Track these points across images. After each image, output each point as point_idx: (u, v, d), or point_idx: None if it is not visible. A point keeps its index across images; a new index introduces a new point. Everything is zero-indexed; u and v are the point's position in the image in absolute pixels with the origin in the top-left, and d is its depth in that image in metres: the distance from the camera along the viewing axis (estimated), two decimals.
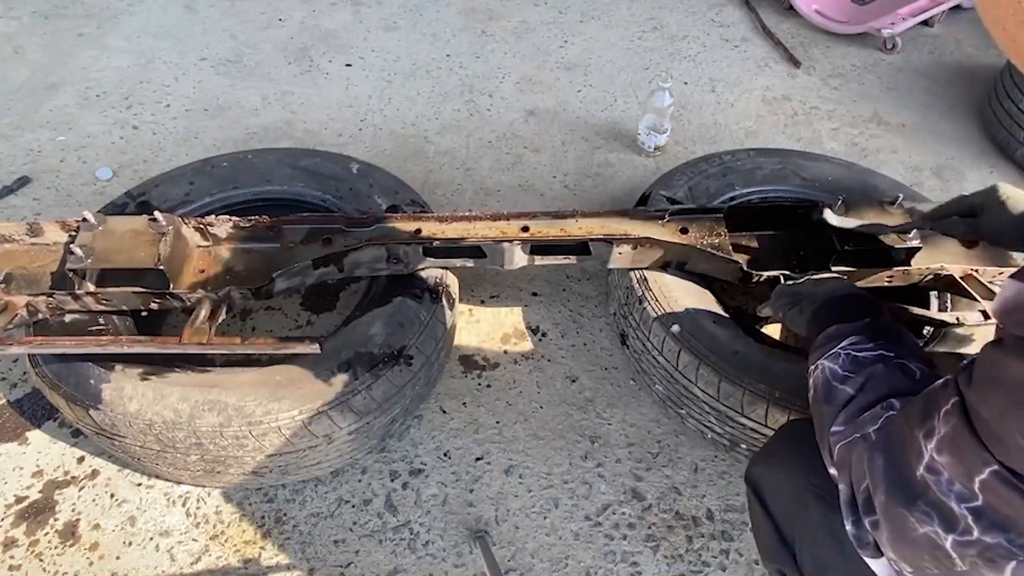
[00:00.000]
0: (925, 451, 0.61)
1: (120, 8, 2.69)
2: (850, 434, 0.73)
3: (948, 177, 2.21)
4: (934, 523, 0.59)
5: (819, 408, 0.83)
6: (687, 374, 1.30)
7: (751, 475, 0.98)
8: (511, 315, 1.69)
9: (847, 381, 0.80)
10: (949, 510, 0.58)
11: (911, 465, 0.62)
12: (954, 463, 0.58)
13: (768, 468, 0.96)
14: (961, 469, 0.57)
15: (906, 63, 2.71)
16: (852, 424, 0.74)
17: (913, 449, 0.62)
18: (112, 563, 1.26)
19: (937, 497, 0.59)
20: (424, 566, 1.28)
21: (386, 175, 1.61)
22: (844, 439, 0.74)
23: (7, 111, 2.18)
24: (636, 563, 1.30)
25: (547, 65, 2.56)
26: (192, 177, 1.55)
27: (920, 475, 0.61)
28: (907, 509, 0.61)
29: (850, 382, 0.80)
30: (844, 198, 1.37)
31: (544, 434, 1.47)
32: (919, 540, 0.61)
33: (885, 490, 0.64)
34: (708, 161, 1.69)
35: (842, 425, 0.76)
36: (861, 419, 0.74)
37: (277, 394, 1.15)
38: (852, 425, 0.74)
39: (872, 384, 0.77)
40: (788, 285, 1.15)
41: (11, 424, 1.43)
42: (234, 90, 2.35)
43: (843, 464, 0.72)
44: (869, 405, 0.75)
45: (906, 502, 0.62)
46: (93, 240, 1.23)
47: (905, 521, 0.62)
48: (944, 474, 0.59)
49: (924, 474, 0.61)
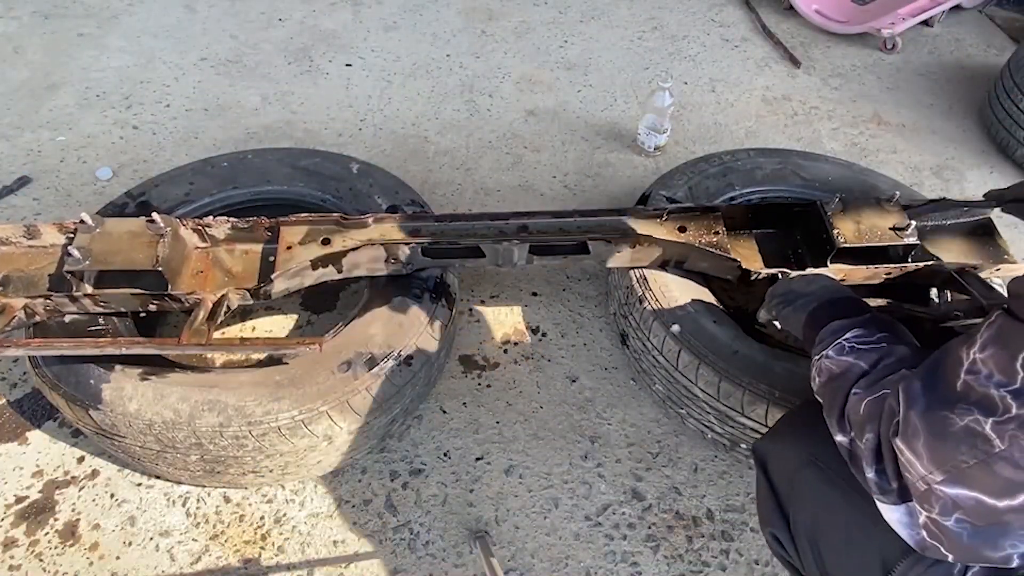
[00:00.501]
0: (966, 358, 0.65)
1: (120, 8, 2.69)
2: (877, 390, 0.76)
3: (948, 177, 2.21)
4: (974, 413, 0.62)
5: (830, 385, 0.85)
6: (687, 374, 1.30)
7: (758, 447, 1.03)
8: (511, 315, 1.69)
9: (860, 358, 0.83)
10: (989, 397, 0.62)
11: (951, 376, 0.66)
12: (996, 352, 0.62)
13: (773, 441, 1.01)
14: (1003, 354, 0.61)
15: (906, 63, 2.71)
16: (878, 384, 0.77)
17: (953, 362, 0.66)
18: (112, 563, 1.26)
19: (977, 393, 0.63)
20: (424, 566, 1.28)
21: (386, 175, 1.61)
22: (871, 395, 0.76)
23: (7, 111, 2.18)
24: (636, 563, 1.30)
25: (547, 65, 2.56)
26: (192, 177, 1.55)
27: (961, 382, 0.65)
28: (948, 410, 0.65)
29: (863, 359, 0.83)
30: (841, 196, 1.38)
31: (544, 434, 1.47)
32: (958, 434, 0.63)
33: (926, 401, 0.67)
34: (708, 161, 1.69)
35: (862, 389, 0.78)
36: (887, 379, 0.77)
37: (277, 394, 1.15)
38: (878, 384, 0.77)
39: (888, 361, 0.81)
40: (779, 286, 1.17)
41: (11, 424, 1.43)
42: (234, 90, 2.35)
43: (870, 417, 0.74)
44: (888, 375, 0.78)
45: (947, 405, 0.65)
46: (91, 242, 1.23)
47: (946, 420, 0.64)
48: (984, 370, 0.63)
49: (965, 378, 0.64)
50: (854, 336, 0.88)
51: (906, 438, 0.68)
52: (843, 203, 1.37)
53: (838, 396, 0.82)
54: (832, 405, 0.83)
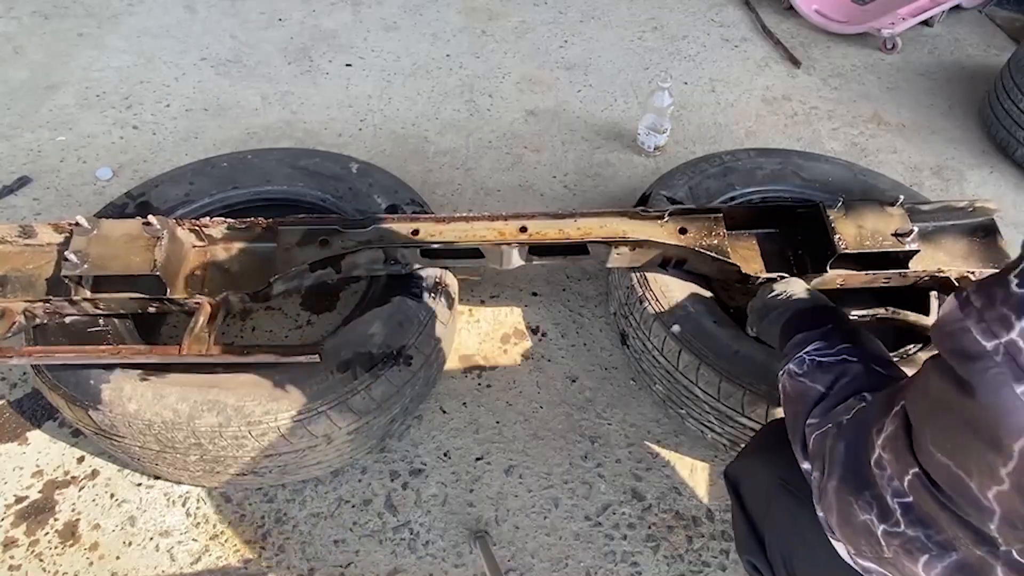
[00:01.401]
0: (875, 446, 0.65)
1: (120, 8, 2.69)
2: (824, 424, 0.77)
3: (948, 177, 2.21)
4: (872, 512, 0.65)
5: (791, 407, 0.86)
6: (687, 374, 1.30)
7: (729, 472, 1.03)
8: (511, 315, 1.69)
9: (816, 380, 0.84)
10: (886, 503, 0.63)
11: (866, 458, 0.67)
12: (893, 461, 0.63)
13: (744, 465, 1.01)
14: (897, 467, 0.62)
15: (906, 63, 2.71)
16: (827, 415, 0.78)
17: (869, 442, 0.67)
18: (112, 563, 1.26)
19: (879, 491, 0.64)
20: (424, 566, 1.28)
21: (386, 175, 1.61)
22: (818, 429, 0.77)
23: (7, 111, 2.18)
24: (636, 563, 1.30)
25: (547, 65, 2.56)
26: (192, 177, 1.55)
27: (869, 468, 0.66)
28: (854, 497, 0.67)
29: (820, 381, 0.83)
30: (844, 200, 1.37)
31: (544, 434, 1.47)
32: (858, 525, 0.66)
33: (840, 476, 0.69)
34: (708, 161, 1.69)
35: (817, 417, 0.79)
36: (835, 411, 0.77)
37: (276, 394, 1.15)
38: (826, 416, 0.78)
39: (844, 382, 0.81)
40: (755, 300, 1.18)
41: (11, 424, 1.43)
42: (234, 90, 2.35)
43: (817, 453, 0.76)
44: (843, 399, 0.78)
45: (855, 490, 0.67)
46: (87, 245, 1.22)
47: (850, 507, 0.67)
48: (887, 470, 0.63)
49: (873, 468, 0.65)
50: (815, 349, 0.88)
51: (822, 507, 0.72)
52: (846, 206, 1.36)
53: (798, 422, 0.82)
54: (794, 431, 0.84)
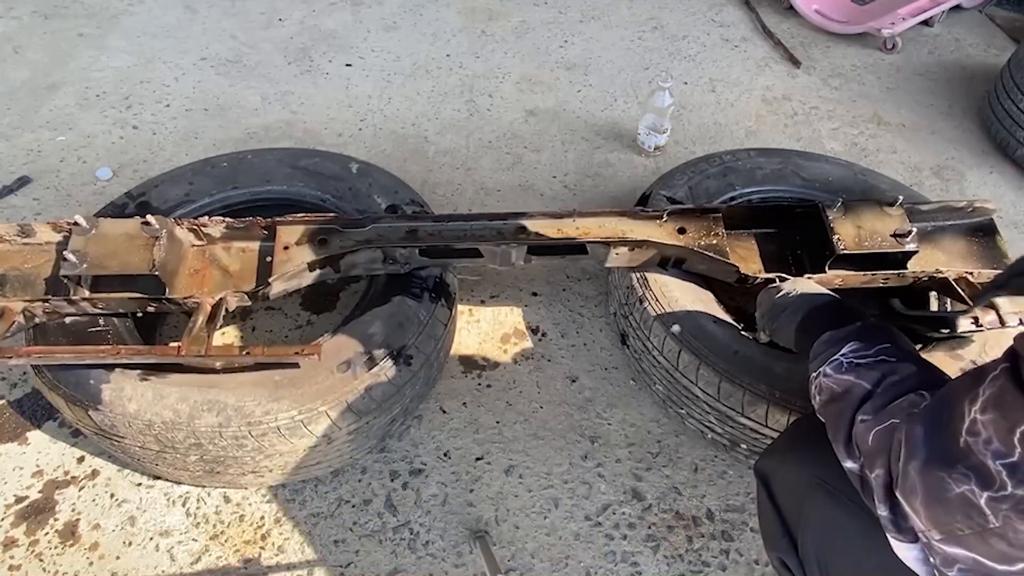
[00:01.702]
0: (968, 414, 0.62)
1: (120, 8, 2.69)
2: (885, 419, 0.73)
3: (948, 177, 2.21)
4: (971, 482, 0.60)
5: (832, 406, 0.83)
6: (687, 374, 1.30)
7: (760, 467, 0.99)
8: (511, 315, 1.69)
9: (861, 377, 0.81)
10: (986, 468, 0.59)
11: (954, 431, 0.63)
12: (996, 418, 0.59)
13: (777, 461, 0.98)
14: (1003, 424, 0.58)
15: (906, 63, 2.70)
16: (885, 411, 0.74)
17: (957, 415, 0.64)
18: (112, 563, 1.26)
19: (976, 459, 0.60)
20: (424, 566, 1.28)
21: (386, 175, 1.61)
22: (879, 424, 0.73)
23: (7, 111, 2.18)
24: (636, 563, 1.30)
25: (547, 65, 2.56)
26: (192, 177, 1.55)
27: (962, 440, 0.62)
28: (946, 472, 0.63)
29: (864, 378, 0.80)
30: (844, 199, 1.38)
31: (544, 434, 1.47)
32: (953, 500, 0.62)
33: (925, 456, 0.65)
34: (708, 161, 1.69)
35: (870, 415, 0.76)
36: (895, 406, 0.74)
37: (276, 394, 1.15)
38: (885, 412, 0.74)
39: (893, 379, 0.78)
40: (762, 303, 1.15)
41: (11, 424, 1.43)
42: (234, 90, 2.35)
43: (879, 450, 0.72)
44: (896, 397, 0.75)
45: (946, 465, 0.63)
46: (86, 245, 1.22)
47: (942, 483, 0.63)
48: (983, 433, 0.60)
49: (966, 438, 0.62)
50: (851, 351, 0.85)
51: (904, 492, 0.68)
52: (845, 206, 1.36)
53: (843, 420, 0.79)
54: (837, 428, 0.80)
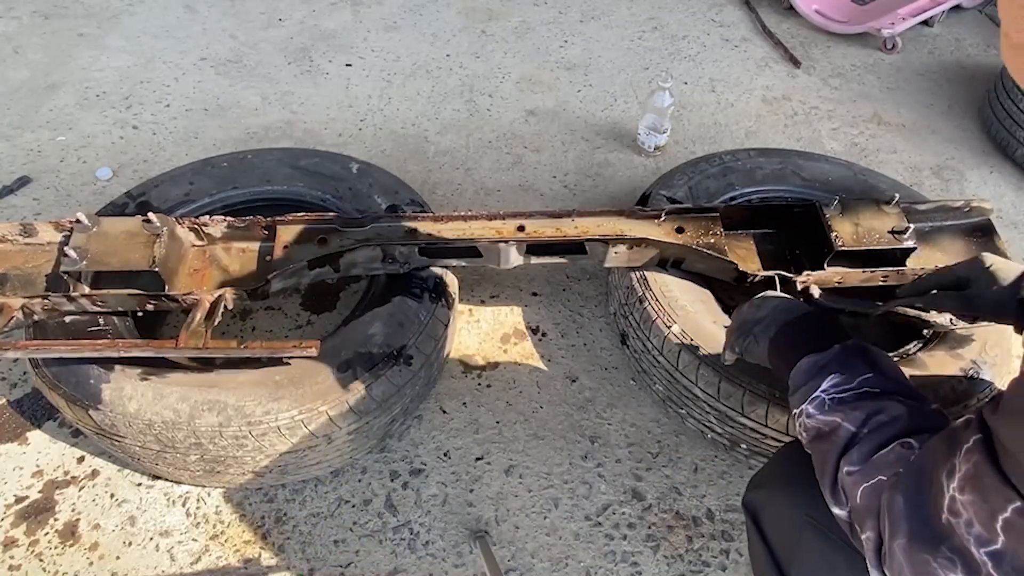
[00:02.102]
0: (947, 489, 0.59)
1: (120, 8, 2.69)
2: (871, 475, 0.69)
3: (948, 177, 2.21)
4: (956, 569, 0.57)
5: (818, 446, 0.79)
6: (687, 374, 1.30)
7: (748, 500, 0.96)
8: (511, 315, 1.69)
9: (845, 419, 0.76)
10: (970, 555, 0.56)
11: (935, 507, 0.60)
12: (976, 501, 0.56)
13: (766, 495, 0.94)
14: (984, 507, 0.56)
15: (906, 63, 2.71)
16: (870, 464, 0.71)
17: (936, 489, 0.61)
18: (112, 563, 1.26)
19: (959, 541, 0.57)
20: (424, 566, 1.28)
21: (386, 175, 1.61)
22: (866, 481, 0.70)
23: (7, 111, 2.18)
24: (636, 563, 1.30)
25: (547, 65, 2.56)
26: (192, 177, 1.55)
27: (944, 518, 0.59)
28: (930, 554, 0.60)
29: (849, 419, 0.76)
30: (840, 198, 1.38)
31: (544, 434, 1.47)
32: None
33: (908, 533, 0.62)
34: (708, 161, 1.69)
35: (858, 465, 0.72)
36: (880, 459, 0.70)
37: (277, 394, 1.15)
38: (870, 465, 0.70)
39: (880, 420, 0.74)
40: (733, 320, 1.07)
41: (11, 424, 1.43)
42: (234, 90, 2.35)
43: (869, 510, 0.69)
44: (882, 444, 0.71)
45: (930, 547, 0.60)
46: (87, 242, 1.23)
47: (928, 566, 0.60)
48: (964, 515, 0.57)
49: (947, 516, 0.59)
50: (832, 385, 0.80)
51: (892, 571, 0.65)
52: (842, 205, 1.37)
53: (828, 464, 0.76)
54: (823, 472, 0.77)
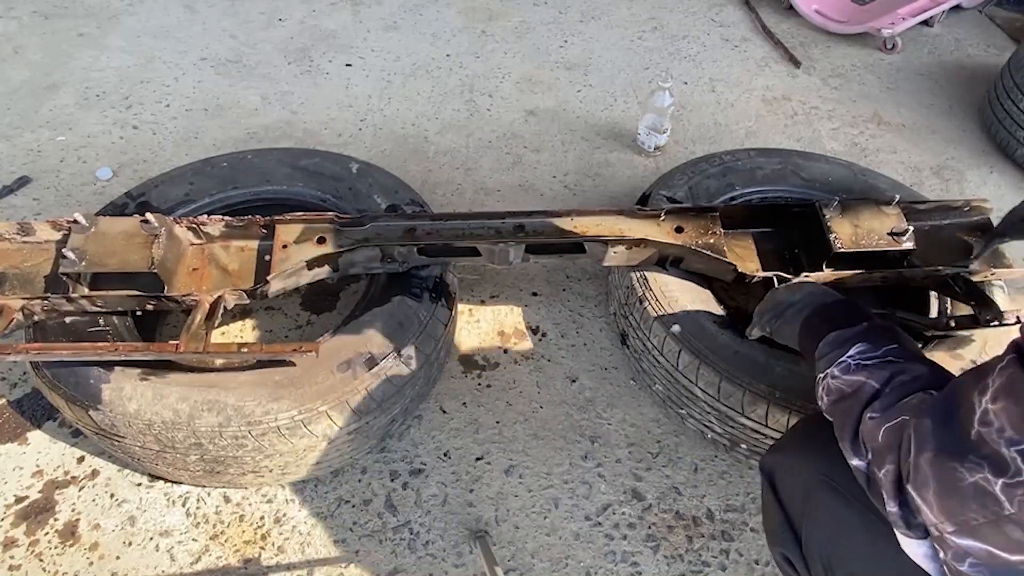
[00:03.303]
0: (979, 405, 0.62)
1: (120, 8, 2.69)
2: (895, 416, 0.73)
3: (948, 177, 2.21)
4: (984, 470, 0.60)
5: (840, 404, 0.83)
6: (687, 374, 1.30)
7: (765, 463, 0.99)
8: (511, 315, 1.69)
9: (871, 377, 0.81)
10: (1000, 456, 0.59)
11: (964, 423, 0.63)
12: (1009, 406, 0.59)
13: (782, 457, 0.97)
14: (1016, 411, 0.59)
15: (906, 63, 2.71)
16: (894, 408, 0.75)
17: (967, 407, 0.64)
18: (112, 563, 1.26)
19: (989, 448, 0.60)
20: (424, 566, 1.28)
21: (386, 175, 1.61)
22: (889, 421, 0.74)
23: (7, 111, 2.18)
24: (636, 563, 1.30)
25: (547, 65, 2.56)
26: (192, 177, 1.55)
27: (974, 431, 0.62)
28: (958, 461, 0.63)
29: (874, 378, 0.80)
30: (840, 199, 1.38)
31: (544, 434, 1.47)
32: (967, 490, 0.62)
33: (936, 447, 0.65)
34: (708, 161, 1.69)
35: (879, 412, 0.76)
36: (904, 404, 0.74)
37: (277, 394, 1.15)
38: (894, 409, 0.74)
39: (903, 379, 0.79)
40: (765, 302, 1.15)
41: (11, 424, 1.43)
42: (234, 90, 2.35)
43: (889, 446, 0.72)
44: (906, 395, 0.76)
45: (957, 455, 0.63)
46: (85, 243, 1.22)
47: (955, 472, 0.63)
48: (996, 422, 0.60)
49: (978, 428, 0.62)
50: (858, 352, 0.85)
51: (916, 485, 0.67)
52: (842, 205, 1.36)
53: (850, 417, 0.79)
54: (844, 427, 0.80)
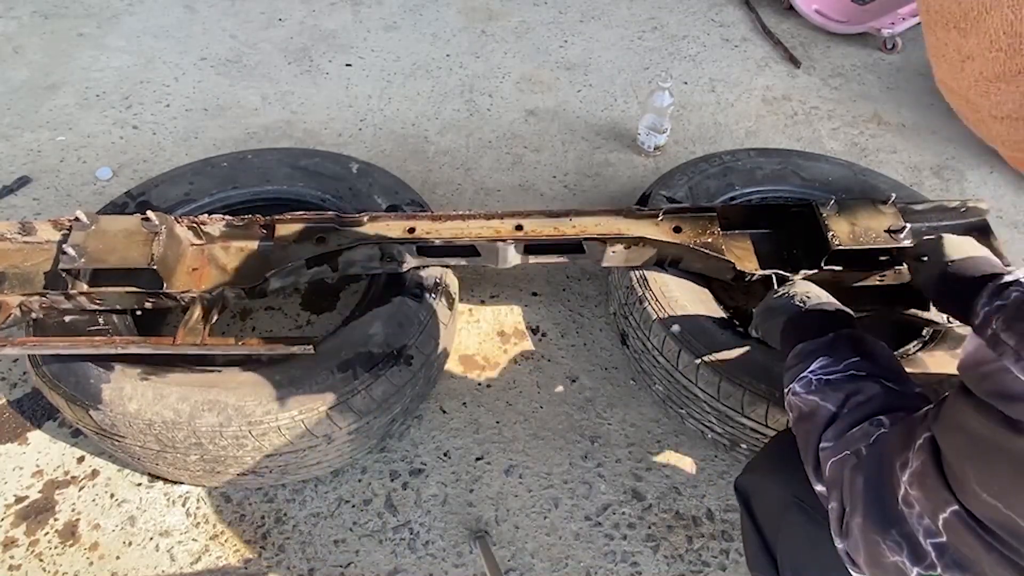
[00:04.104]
0: (901, 483, 0.62)
1: (120, 8, 2.69)
2: (840, 450, 0.73)
3: (948, 177, 2.20)
4: (903, 554, 0.61)
5: (801, 426, 0.82)
6: (687, 374, 1.30)
7: (740, 484, 0.99)
8: (511, 315, 1.69)
9: (826, 399, 0.80)
10: (918, 543, 0.60)
11: (891, 493, 0.63)
12: (922, 498, 0.59)
13: (755, 478, 0.97)
14: (928, 505, 0.59)
15: (906, 63, 2.70)
16: (842, 440, 0.74)
17: (893, 477, 0.64)
18: (112, 563, 1.26)
19: (909, 529, 0.61)
20: (424, 566, 1.28)
21: (386, 175, 1.61)
22: (835, 455, 0.73)
23: (7, 111, 2.18)
24: (636, 563, 1.30)
25: (547, 65, 2.56)
26: (192, 177, 1.55)
27: (898, 507, 0.62)
28: (881, 536, 0.63)
29: (830, 399, 0.79)
30: (836, 198, 1.38)
31: (544, 434, 1.47)
32: (888, 567, 0.63)
33: (863, 512, 0.66)
34: (708, 161, 1.69)
35: (831, 441, 0.75)
36: (851, 435, 0.73)
37: (277, 394, 1.15)
38: (842, 441, 0.74)
39: (857, 400, 0.77)
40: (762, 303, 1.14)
41: (11, 424, 1.43)
42: (234, 90, 2.35)
43: (835, 482, 0.72)
44: (857, 422, 0.74)
45: (881, 529, 0.63)
46: (86, 240, 1.23)
47: (878, 547, 0.63)
48: (916, 507, 0.60)
49: (901, 506, 0.62)
50: (820, 367, 0.84)
51: (849, 546, 0.68)
52: (839, 204, 1.37)
53: (810, 443, 0.79)
54: (806, 452, 0.80)
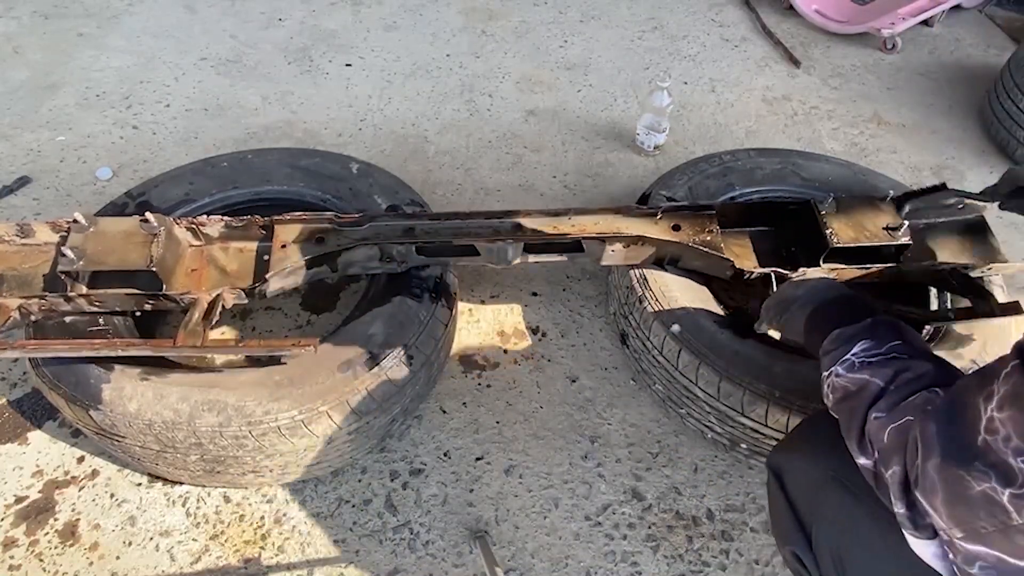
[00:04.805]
0: (984, 412, 0.62)
1: (120, 8, 2.69)
2: (900, 416, 0.73)
3: (948, 177, 2.20)
4: (992, 479, 0.60)
5: (845, 403, 0.83)
6: (687, 374, 1.30)
7: (773, 460, 0.99)
8: (511, 315, 1.69)
9: (875, 375, 0.80)
10: (1007, 466, 0.59)
11: (970, 429, 0.63)
12: (1015, 415, 0.59)
13: (790, 455, 0.97)
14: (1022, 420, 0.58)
15: (906, 63, 2.71)
16: (898, 408, 0.75)
17: (972, 413, 0.64)
18: (112, 563, 1.26)
19: (996, 456, 0.60)
20: (424, 566, 1.28)
21: (386, 175, 1.61)
22: (894, 422, 0.74)
23: (7, 111, 2.18)
24: (636, 563, 1.30)
25: (547, 65, 2.56)
26: (192, 177, 1.55)
27: (980, 438, 0.62)
28: (964, 470, 0.62)
29: (878, 376, 0.80)
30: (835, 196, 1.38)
31: (544, 434, 1.47)
32: (975, 498, 0.62)
33: (941, 453, 0.65)
34: (708, 161, 1.69)
35: (884, 412, 0.76)
36: (908, 403, 0.74)
37: (277, 394, 1.15)
38: (899, 409, 0.74)
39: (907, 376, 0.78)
40: (772, 298, 1.15)
41: (11, 424, 1.43)
42: (234, 90, 2.35)
43: (895, 447, 0.72)
44: (910, 394, 0.75)
45: (964, 463, 0.63)
46: (84, 242, 1.22)
47: (961, 481, 0.62)
48: (1002, 431, 0.60)
49: (984, 436, 0.62)
50: (862, 349, 0.85)
51: (924, 491, 0.67)
52: (837, 202, 1.37)
53: (855, 416, 0.79)
54: (850, 426, 0.80)
